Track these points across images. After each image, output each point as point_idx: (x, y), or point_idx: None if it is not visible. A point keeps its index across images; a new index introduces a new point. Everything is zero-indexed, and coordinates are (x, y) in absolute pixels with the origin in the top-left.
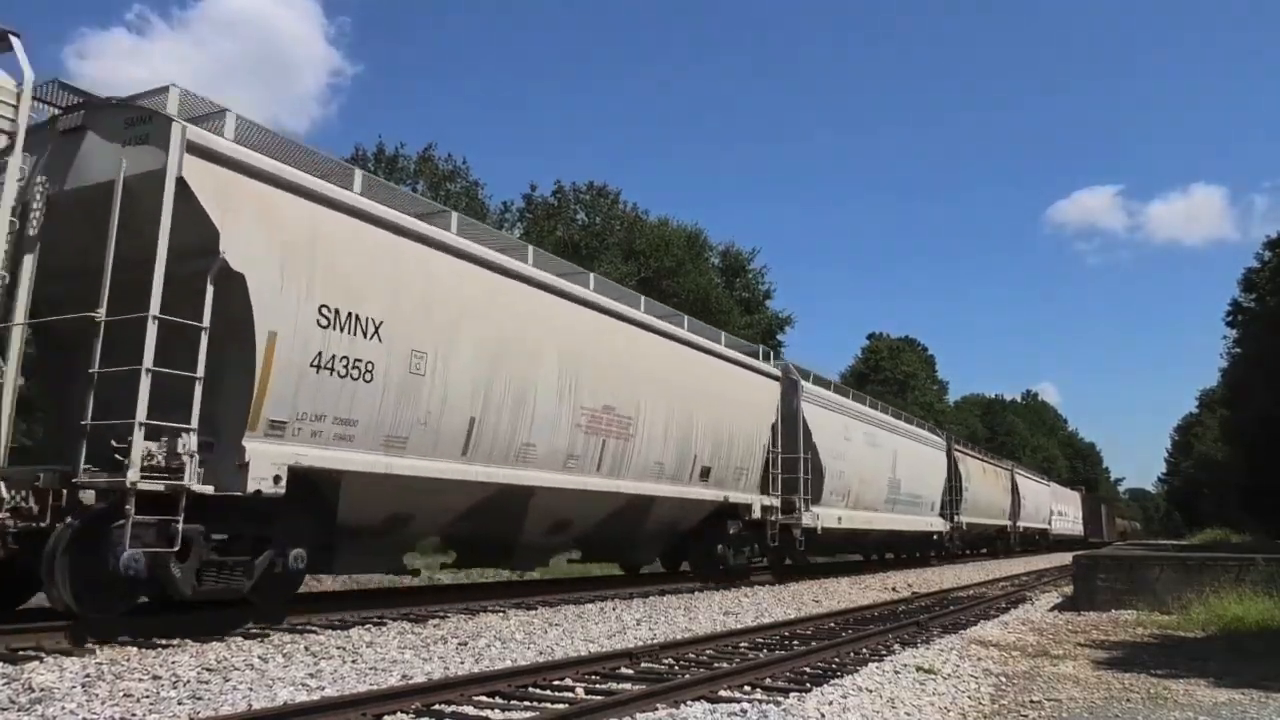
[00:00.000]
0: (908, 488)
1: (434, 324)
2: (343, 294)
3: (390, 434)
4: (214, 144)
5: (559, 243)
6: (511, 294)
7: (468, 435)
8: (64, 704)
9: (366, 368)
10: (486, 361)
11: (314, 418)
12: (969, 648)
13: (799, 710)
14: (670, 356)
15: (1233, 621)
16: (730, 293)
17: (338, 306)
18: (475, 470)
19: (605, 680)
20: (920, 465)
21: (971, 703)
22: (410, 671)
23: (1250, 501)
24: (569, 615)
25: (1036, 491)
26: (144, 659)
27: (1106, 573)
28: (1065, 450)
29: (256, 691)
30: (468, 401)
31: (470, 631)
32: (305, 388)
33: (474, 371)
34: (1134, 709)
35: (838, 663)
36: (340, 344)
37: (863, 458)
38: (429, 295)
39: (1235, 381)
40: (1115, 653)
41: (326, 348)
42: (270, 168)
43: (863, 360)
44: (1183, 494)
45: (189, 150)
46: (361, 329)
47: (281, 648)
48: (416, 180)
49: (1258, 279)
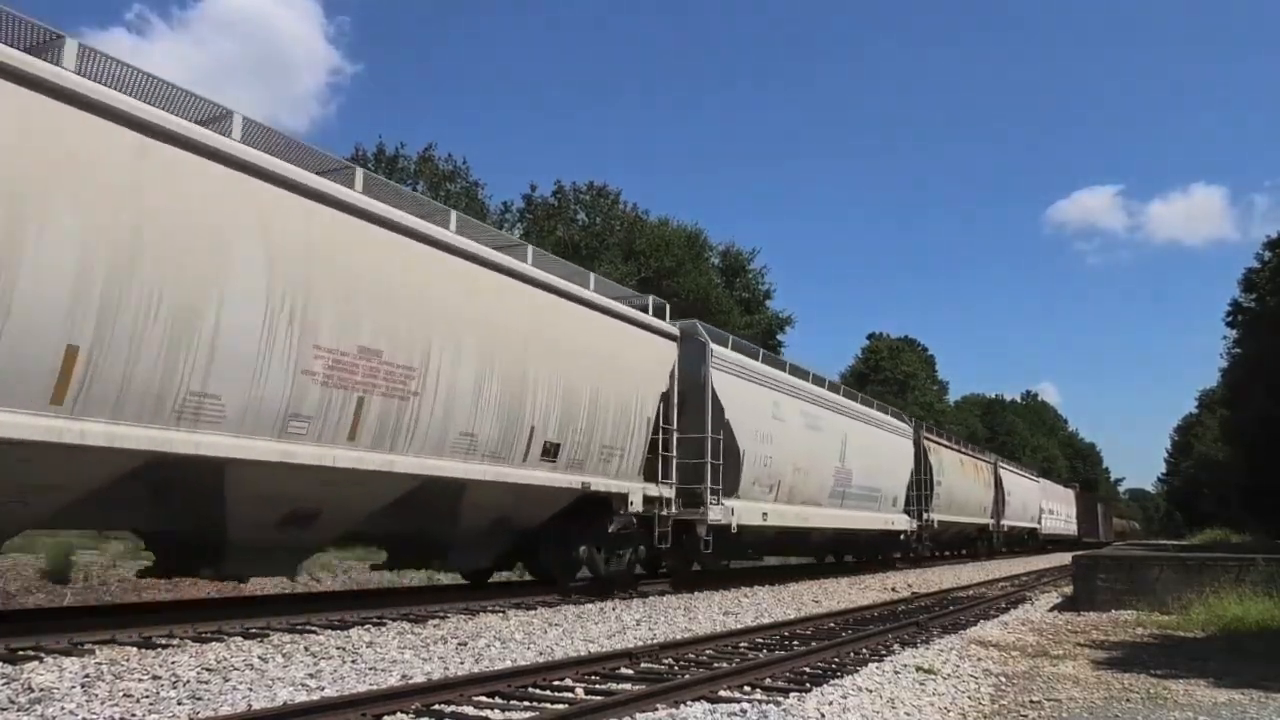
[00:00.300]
0: (862, 480)
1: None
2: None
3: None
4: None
5: (559, 243)
6: (164, 160)
7: (61, 375)
8: (63, 704)
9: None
10: (103, 255)
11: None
12: (969, 648)
13: (799, 710)
14: (492, 292)
15: (1233, 622)
16: (730, 293)
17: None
18: (90, 430)
19: (605, 680)
20: (879, 454)
21: (971, 703)
22: (410, 671)
23: (1250, 501)
24: (569, 615)
25: (1024, 487)
26: (143, 659)
27: (1106, 573)
28: (1065, 450)
29: (256, 691)
30: (60, 319)
31: (470, 631)
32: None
33: (77, 268)
34: (1134, 709)
35: (837, 663)
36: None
37: (799, 442)
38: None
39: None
40: (1115, 653)
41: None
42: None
43: (863, 360)
44: (1183, 494)
45: None
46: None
47: (281, 648)
48: (417, 180)
49: (1258, 279)
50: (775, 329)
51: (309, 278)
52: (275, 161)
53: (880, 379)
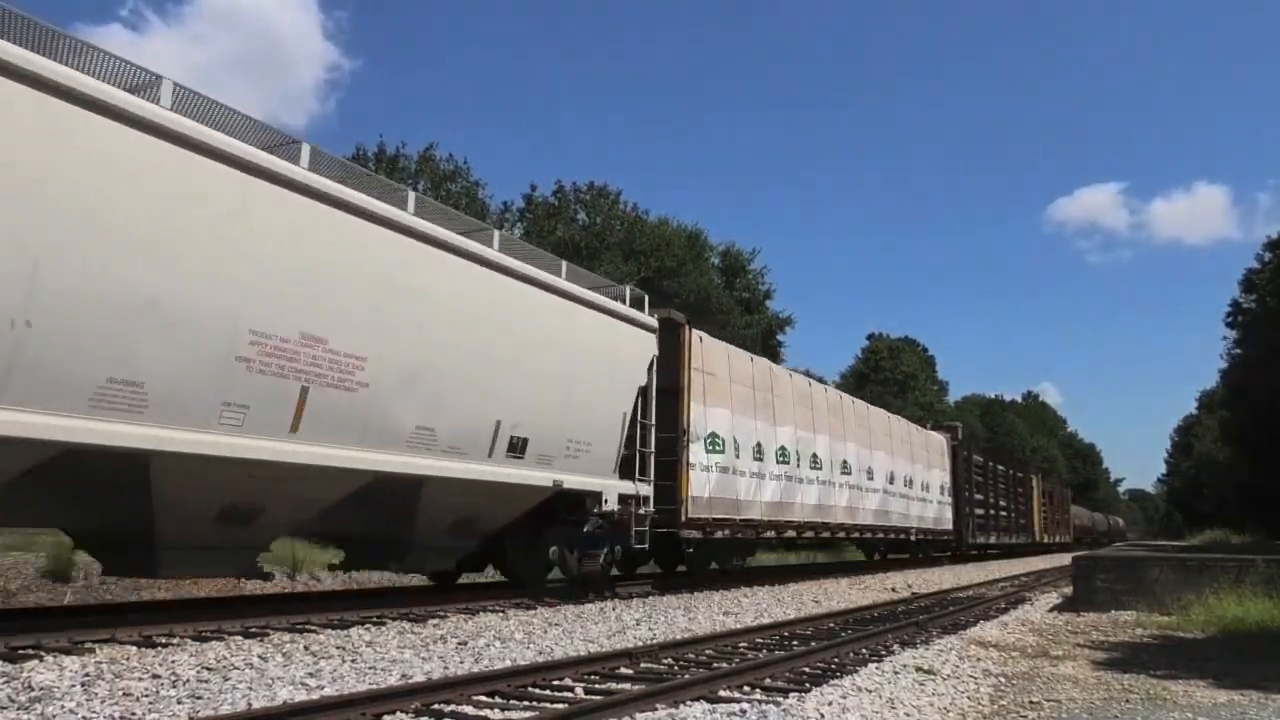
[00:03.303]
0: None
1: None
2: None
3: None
4: None
5: (559, 243)
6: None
7: None
8: (63, 703)
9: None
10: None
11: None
12: (968, 648)
13: (798, 710)
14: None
15: (1232, 622)
16: (730, 293)
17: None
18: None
19: (605, 680)
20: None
21: (971, 703)
22: (410, 671)
23: (1250, 502)
24: (569, 615)
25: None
26: (143, 658)
27: (1106, 573)
28: (1065, 451)
29: (256, 691)
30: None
31: (470, 631)
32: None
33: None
34: (1133, 710)
35: (837, 663)
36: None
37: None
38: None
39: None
40: (1115, 653)
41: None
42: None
43: (863, 360)
44: (1183, 494)
45: None
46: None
47: (281, 647)
48: (418, 180)
49: (1258, 280)
50: (775, 329)
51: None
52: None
53: (880, 379)
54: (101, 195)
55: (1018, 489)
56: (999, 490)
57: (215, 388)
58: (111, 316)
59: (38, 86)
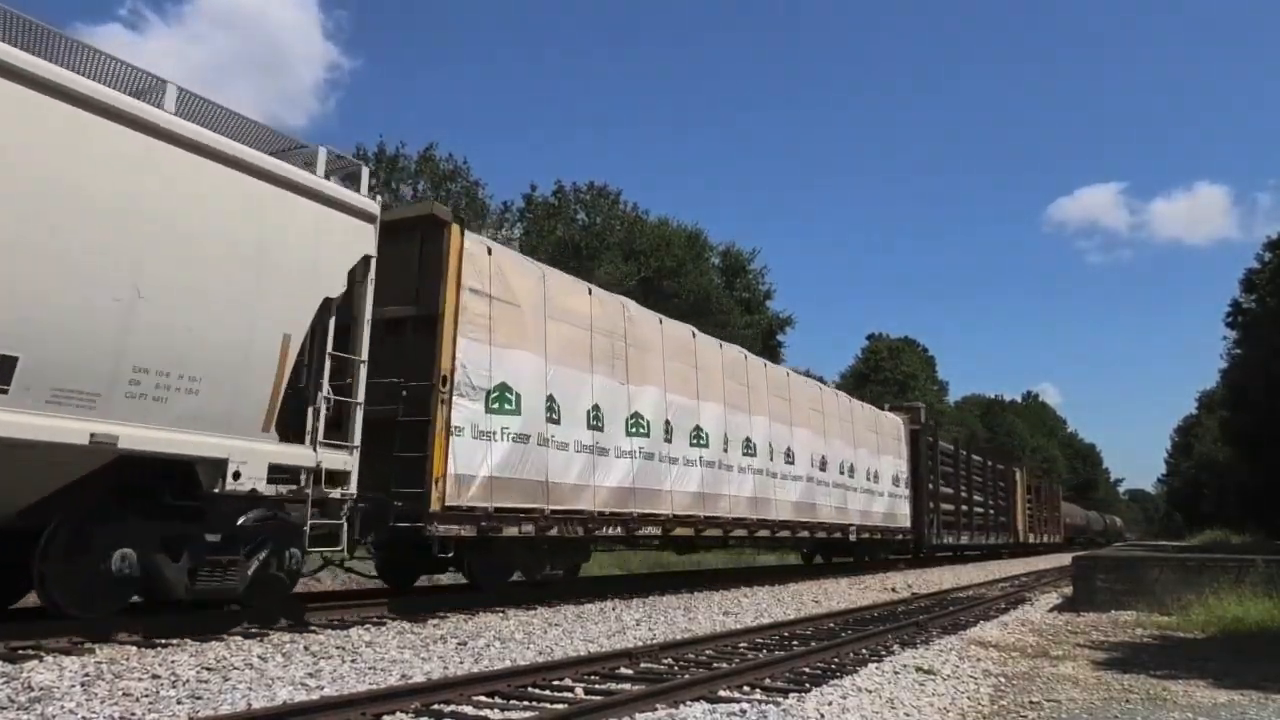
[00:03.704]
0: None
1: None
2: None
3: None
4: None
5: (559, 243)
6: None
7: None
8: (63, 703)
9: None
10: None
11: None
12: (968, 648)
13: (798, 710)
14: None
15: (1232, 622)
16: (730, 293)
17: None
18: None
19: (605, 680)
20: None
21: (971, 703)
22: (409, 671)
23: (1250, 502)
24: (568, 615)
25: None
26: (143, 658)
27: (1106, 573)
28: (1065, 451)
29: (256, 691)
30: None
31: (469, 631)
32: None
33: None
34: (1133, 710)
35: (837, 663)
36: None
37: None
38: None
39: (1235, 382)
40: (1115, 653)
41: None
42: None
43: (863, 360)
44: (1183, 495)
45: None
46: None
47: (281, 647)
48: (418, 179)
49: (1258, 280)
50: (775, 329)
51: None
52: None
53: (880, 379)
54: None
55: (998, 483)
56: (974, 484)
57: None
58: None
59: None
